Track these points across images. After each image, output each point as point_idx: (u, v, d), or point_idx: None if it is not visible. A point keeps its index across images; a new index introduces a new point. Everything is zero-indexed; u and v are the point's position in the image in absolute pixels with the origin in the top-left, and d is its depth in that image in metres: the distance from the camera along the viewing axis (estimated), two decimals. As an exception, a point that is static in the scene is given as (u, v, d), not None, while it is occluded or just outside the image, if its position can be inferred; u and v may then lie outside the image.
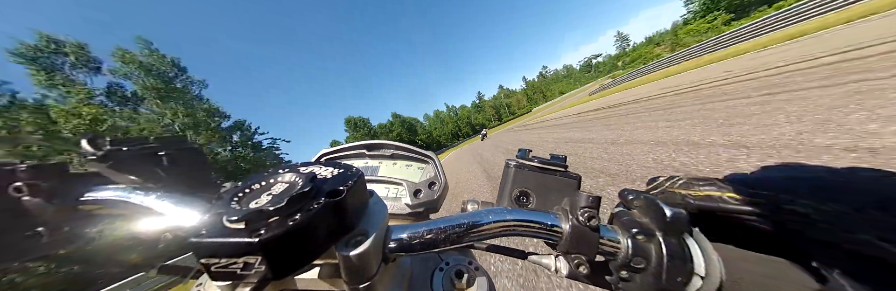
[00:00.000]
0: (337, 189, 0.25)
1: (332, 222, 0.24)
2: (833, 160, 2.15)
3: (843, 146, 2.29)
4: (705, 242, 0.28)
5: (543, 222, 0.31)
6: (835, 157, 2.18)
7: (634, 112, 8.02)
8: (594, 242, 0.30)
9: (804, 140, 2.62)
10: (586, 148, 5.47)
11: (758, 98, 4.46)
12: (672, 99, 7.62)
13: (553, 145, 7.72)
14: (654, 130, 5.01)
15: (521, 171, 0.36)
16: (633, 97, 11.72)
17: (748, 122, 3.59)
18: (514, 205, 0.34)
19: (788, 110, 3.47)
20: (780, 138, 2.83)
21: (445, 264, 0.42)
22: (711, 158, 2.96)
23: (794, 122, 3.08)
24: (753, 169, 0.36)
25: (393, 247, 0.29)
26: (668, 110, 6.30)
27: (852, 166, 0.29)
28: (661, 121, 5.47)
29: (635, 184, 2.78)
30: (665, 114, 6.04)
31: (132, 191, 0.40)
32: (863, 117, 2.64)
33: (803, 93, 3.90)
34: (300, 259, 0.23)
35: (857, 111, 2.78)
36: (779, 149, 2.62)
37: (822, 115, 2.98)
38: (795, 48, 8.50)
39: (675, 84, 10.81)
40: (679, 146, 3.70)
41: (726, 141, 3.28)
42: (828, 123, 2.76)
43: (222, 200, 0.24)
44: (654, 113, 6.70)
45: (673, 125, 4.89)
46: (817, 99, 3.48)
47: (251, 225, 0.21)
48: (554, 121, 17.28)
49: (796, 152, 2.46)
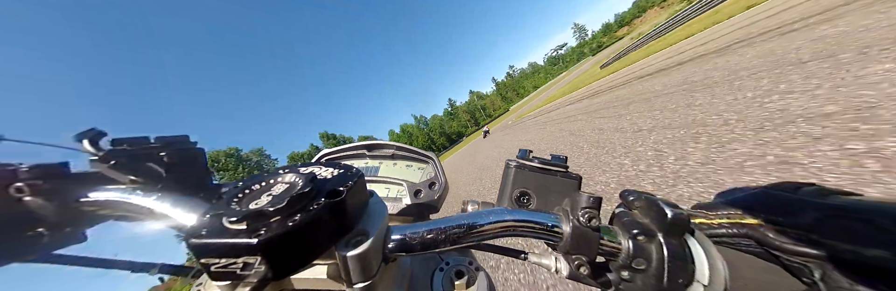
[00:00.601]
0: (337, 189, 0.25)
1: (332, 222, 0.24)
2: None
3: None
4: (707, 243, 0.28)
5: (544, 222, 0.31)
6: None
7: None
8: (595, 243, 0.30)
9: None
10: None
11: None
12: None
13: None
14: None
15: (522, 172, 0.35)
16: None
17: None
18: (514, 206, 0.34)
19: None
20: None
21: (445, 264, 0.42)
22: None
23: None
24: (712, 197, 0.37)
25: (393, 247, 0.29)
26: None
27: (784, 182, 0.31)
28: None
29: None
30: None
31: (133, 192, 0.40)
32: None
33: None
34: (300, 259, 0.23)
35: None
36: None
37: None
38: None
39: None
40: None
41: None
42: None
43: (222, 201, 0.24)
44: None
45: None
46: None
47: (251, 225, 0.21)
48: (559, 112, 13.75)
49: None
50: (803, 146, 2.10)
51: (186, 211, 0.36)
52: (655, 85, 6.87)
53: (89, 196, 0.40)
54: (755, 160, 2.23)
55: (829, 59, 3.19)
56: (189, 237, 0.21)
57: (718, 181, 2.24)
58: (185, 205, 0.37)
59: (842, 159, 1.81)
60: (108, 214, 0.42)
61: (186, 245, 0.21)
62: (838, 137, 2.01)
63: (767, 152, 2.25)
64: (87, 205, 0.40)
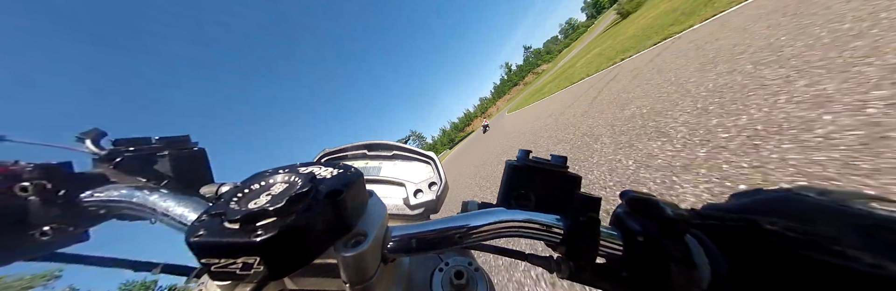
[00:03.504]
0: (336, 189, 0.25)
1: (331, 222, 0.24)
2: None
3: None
4: (709, 245, 0.28)
5: (543, 223, 0.31)
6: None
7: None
8: (595, 243, 0.30)
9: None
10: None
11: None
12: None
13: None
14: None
15: (521, 172, 0.35)
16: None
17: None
18: (513, 206, 0.34)
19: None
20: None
21: (445, 264, 0.42)
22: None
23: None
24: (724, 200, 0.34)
25: (392, 248, 0.29)
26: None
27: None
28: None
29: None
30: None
31: (134, 191, 0.40)
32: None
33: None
34: (299, 259, 0.23)
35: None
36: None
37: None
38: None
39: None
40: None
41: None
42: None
43: (222, 200, 0.25)
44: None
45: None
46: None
47: (250, 225, 0.21)
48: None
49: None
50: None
51: (187, 210, 0.36)
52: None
53: (92, 195, 0.41)
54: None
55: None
56: (189, 236, 0.21)
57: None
58: (186, 205, 0.37)
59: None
60: (110, 213, 0.43)
61: (187, 244, 0.21)
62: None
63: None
64: (89, 205, 0.41)
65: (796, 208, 0.27)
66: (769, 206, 0.29)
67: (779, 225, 0.26)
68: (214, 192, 0.41)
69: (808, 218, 0.26)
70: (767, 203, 0.29)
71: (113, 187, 0.41)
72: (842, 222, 0.24)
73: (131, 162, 0.46)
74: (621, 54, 10.96)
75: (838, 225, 0.24)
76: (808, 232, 0.25)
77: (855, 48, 2.53)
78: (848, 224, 0.24)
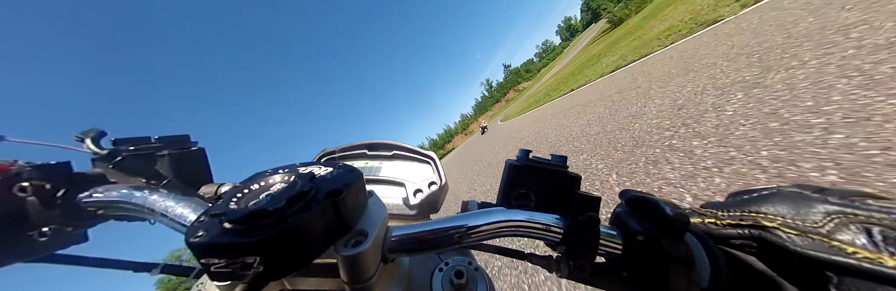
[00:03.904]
0: (336, 189, 0.25)
1: (331, 222, 0.24)
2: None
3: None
4: (710, 244, 0.28)
5: (543, 222, 0.31)
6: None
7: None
8: (594, 243, 0.30)
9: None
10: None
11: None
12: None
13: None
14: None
15: (521, 171, 0.35)
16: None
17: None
18: (513, 206, 0.34)
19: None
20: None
21: (445, 264, 0.42)
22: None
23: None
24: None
25: (392, 247, 0.29)
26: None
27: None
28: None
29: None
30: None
31: (134, 192, 0.40)
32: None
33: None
34: (299, 259, 0.23)
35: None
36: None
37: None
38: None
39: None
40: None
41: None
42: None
43: (222, 201, 0.25)
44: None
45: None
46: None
47: (250, 225, 0.21)
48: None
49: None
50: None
51: (187, 211, 0.36)
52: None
53: (91, 195, 0.40)
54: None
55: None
56: (189, 237, 0.21)
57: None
58: (186, 205, 0.37)
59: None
60: (109, 214, 0.43)
61: (187, 245, 0.21)
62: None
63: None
64: (88, 205, 0.41)
65: (795, 206, 0.27)
66: (768, 205, 0.29)
67: (778, 223, 0.27)
68: (214, 192, 0.41)
69: (807, 217, 0.26)
70: (767, 201, 0.29)
71: (112, 187, 0.41)
72: (840, 220, 0.24)
73: (131, 161, 0.45)
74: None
75: (837, 223, 0.24)
76: (807, 231, 0.25)
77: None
78: (846, 221, 0.24)
